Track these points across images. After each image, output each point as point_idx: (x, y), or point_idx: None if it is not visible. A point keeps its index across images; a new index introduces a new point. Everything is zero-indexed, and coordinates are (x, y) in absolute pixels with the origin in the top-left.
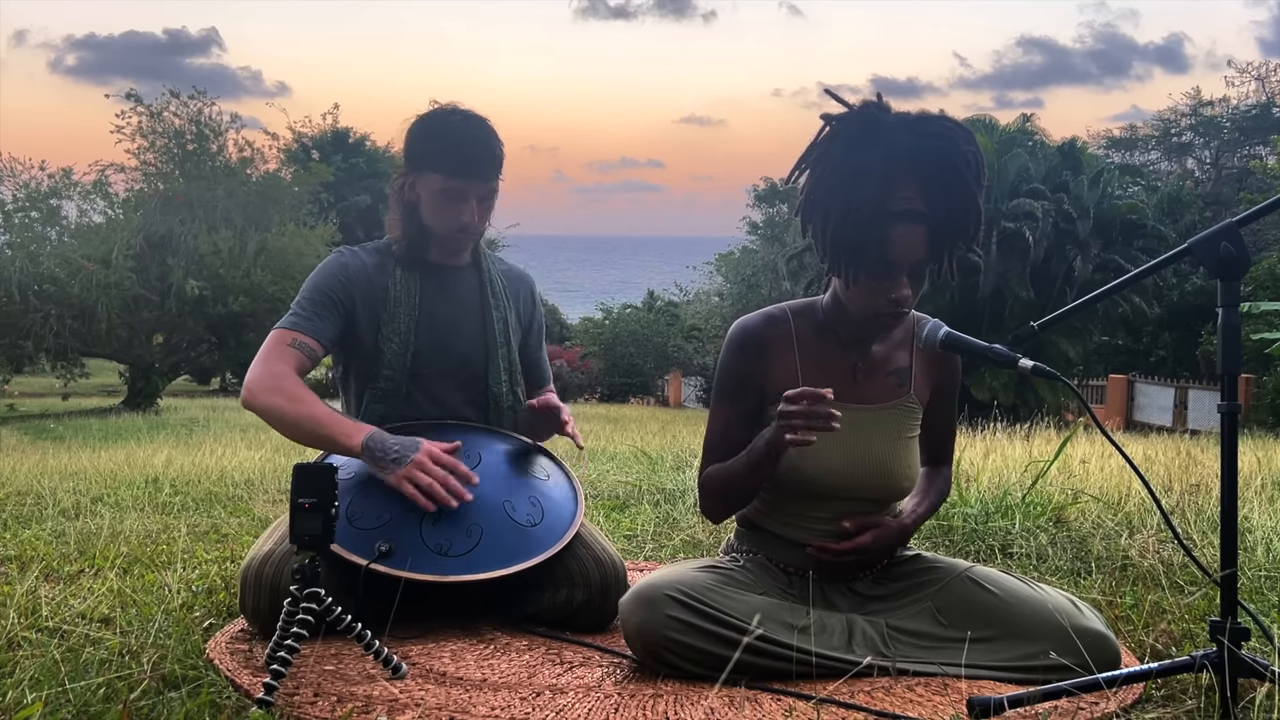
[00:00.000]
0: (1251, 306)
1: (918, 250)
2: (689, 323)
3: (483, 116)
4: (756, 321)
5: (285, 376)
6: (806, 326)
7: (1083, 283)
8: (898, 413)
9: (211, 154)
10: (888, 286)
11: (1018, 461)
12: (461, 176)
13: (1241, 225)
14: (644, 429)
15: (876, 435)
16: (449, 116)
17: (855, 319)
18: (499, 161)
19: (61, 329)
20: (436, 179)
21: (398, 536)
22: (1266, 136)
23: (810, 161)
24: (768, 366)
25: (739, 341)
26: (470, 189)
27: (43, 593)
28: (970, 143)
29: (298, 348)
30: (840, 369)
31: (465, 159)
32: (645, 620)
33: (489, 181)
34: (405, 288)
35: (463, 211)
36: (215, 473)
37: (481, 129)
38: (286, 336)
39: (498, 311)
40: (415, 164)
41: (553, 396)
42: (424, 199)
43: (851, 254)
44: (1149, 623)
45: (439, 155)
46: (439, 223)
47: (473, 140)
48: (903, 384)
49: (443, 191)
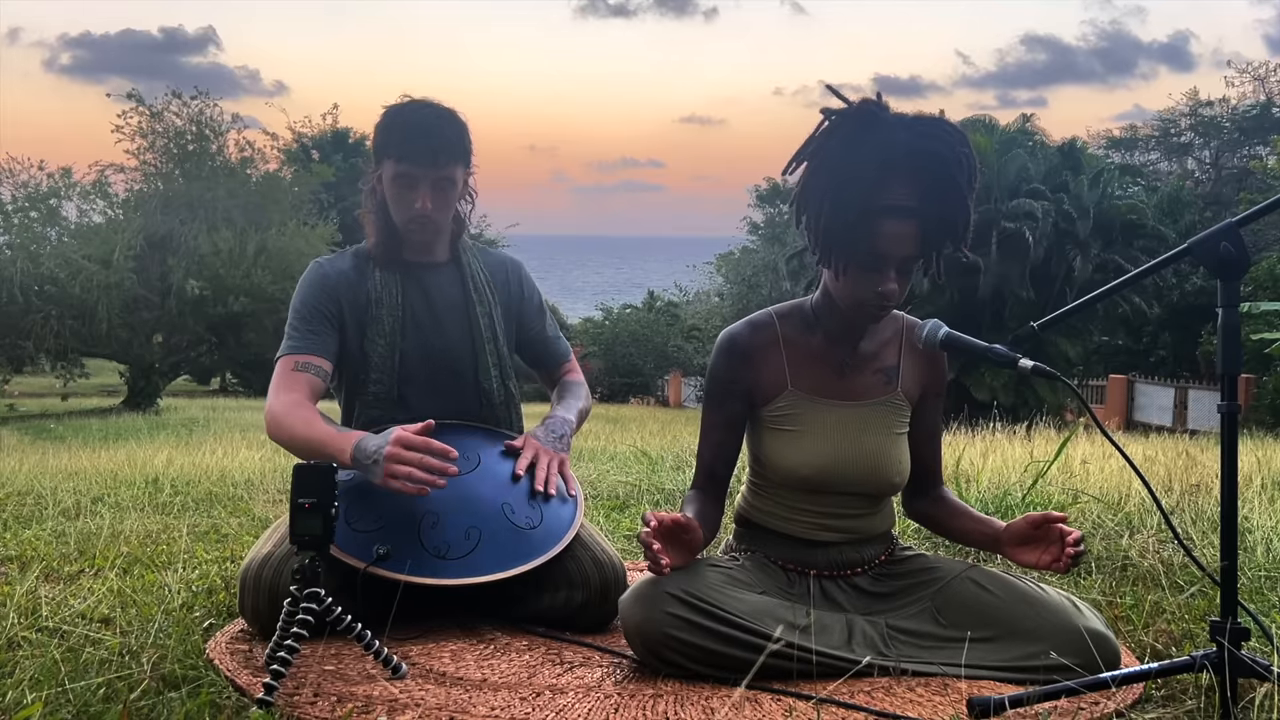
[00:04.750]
0: (1251, 306)
1: (906, 246)
2: (689, 323)
3: (447, 107)
4: (741, 329)
5: (296, 404)
6: (793, 327)
7: (1083, 283)
8: (886, 408)
9: (212, 154)
10: (875, 280)
11: (1018, 461)
12: (410, 161)
13: (1241, 225)
14: (644, 429)
15: (865, 430)
16: (407, 105)
17: (842, 311)
18: (454, 148)
19: (62, 329)
20: (389, 165)
21: (396, 539)
22: (1266, 136)
23: (807, 154)
24: (754, 372)
25: (725, 350)
26: (420, 174)
27: (43, 593)
28: (964, 145)
29: (305, 370)
30: (828, 365)
31: (414, 143)
32: (646, 618)
33: (440, 168)
34: (386, 289)
35: (414, 199)
36: (215, 473)
37: (436, 116)
38: (290, 362)
39: (481, 306)
40: (376, 154)
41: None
42: (386, 191)
43: (842, 246)
44: (1149, 623)
45: (391, 142)
46: (396, 212)
47: (424, 126)
48: (890, 381)
49: (394, 178)
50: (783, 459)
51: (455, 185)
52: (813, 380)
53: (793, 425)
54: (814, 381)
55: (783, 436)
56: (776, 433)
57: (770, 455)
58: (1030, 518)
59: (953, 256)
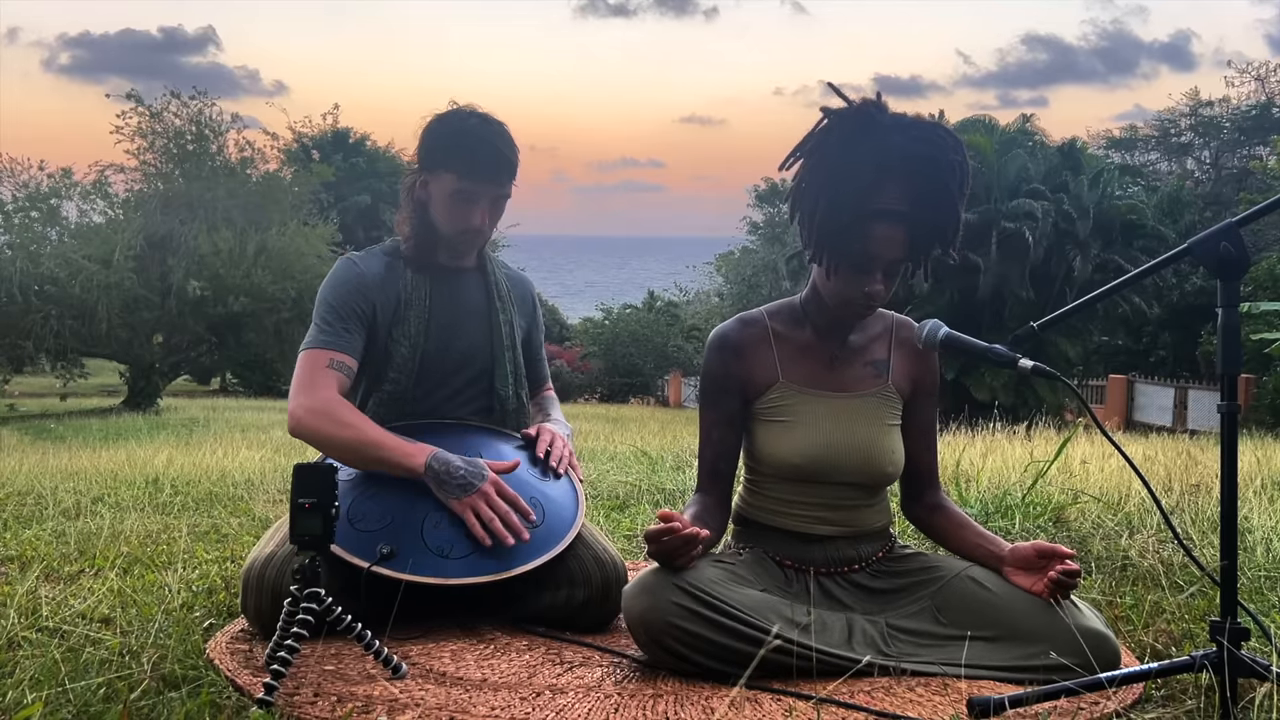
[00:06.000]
0: (1251, 306)
1: (895, 249)
2: (689, 323)
3: (500, 121)
4: (731, 325)
5: (332, 401)
6: (782, 322)
7: (1083, 283)
8: (877, 400)
9: (211, 154)
10: (863, 280)
11: (1018, 461)
12: (474, 178)
13: (1241, 225)
14: (644, 429)
15: (857, 421)
16: (467, 118)
17: (830, 306)
18: (513, 167)
19: (62, 329)
20: (450, 179)
21: (399, 539)
22: (1266, 136)
23: (804, 152)
24: (746, 366)
25: (716, 346)
26: (482, 191)
27: (43, 593)
28: (958, 152)
29: (336, 368)
30: (818, 358)
31: (480, 161)
32: (649, 606)
33: (502, 186)
34: (416, 290)
35: (473, 214)
36: (215, 473)
37: (499, 133)
38: (322, 358)
39: (504, 314)
40: (429, 163)
41: (543, 442)
42: (435, 199)
43: (833, 245)
44: (1149, 623)
45: (454, 156)
46: (448, 224)
47: (489, 143)
48: (880, 374)
49: (455, 193)
50: (775, 449)
51: (507, 200)
52: (803, 372)
53: (784, 416)
54: (804, 374)
55: (775, 428)
56: (769, 424)
57: (763, 447)
58: (1039, 546)
59: (941, 259)
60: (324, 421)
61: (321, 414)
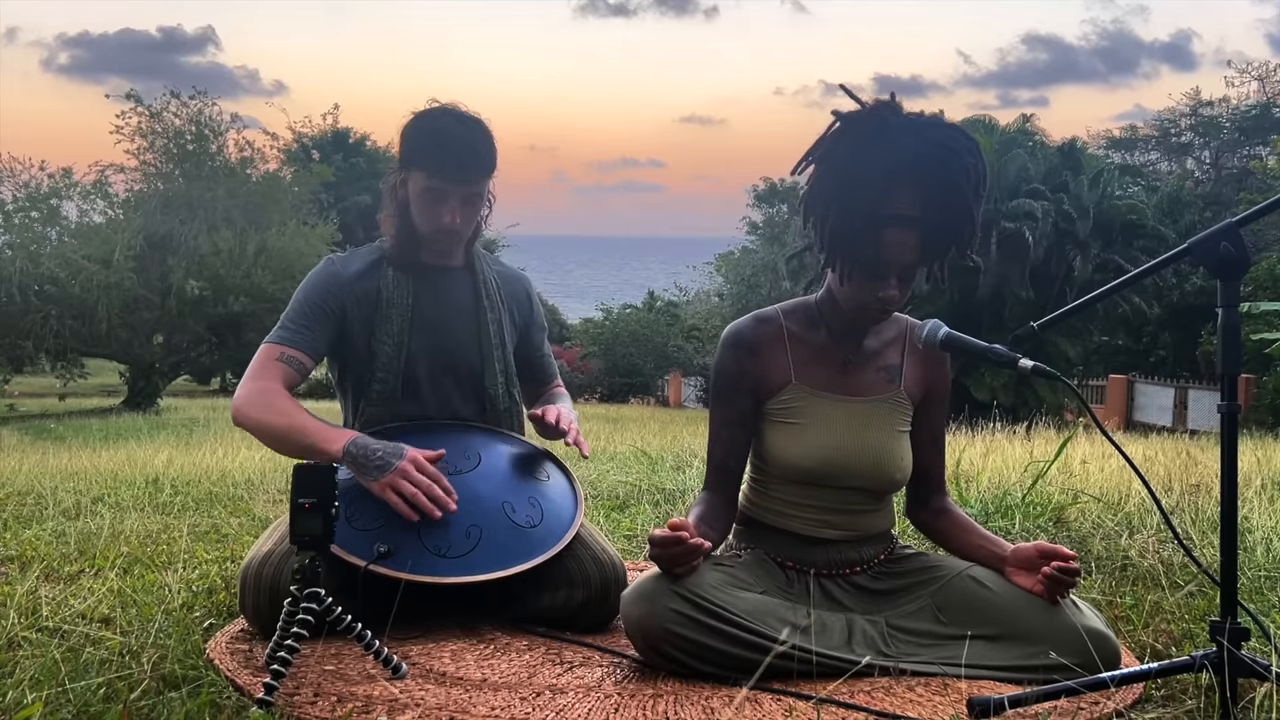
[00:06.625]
0: (1251, 306)
1: (908, 254)
2: (689, 323)
3: (477, 118)
4: (747, 323)
5: (269, 390)
6: (797, 323)
7: (1083, 283)
8: (889, 406)
9: (211, 154)
10: (877, 285)
11: (1018, 461)
12: (443, 177)
13: (1241, 225)
14: (644, 429)
15: (868, 425)
16: (441, 116)
17: (845, 311)
18: (485, 165)
19: (62, 329)
20: (420, 177)
21: (396, 538)
22: (1266, 136)
23: (817, 156)
24: (760, 365)
25: (731, 343)
26: (451, 190)
27: (43, 593)
28: (974, 154)
29: (285, 362)
30: (831, 361)
31: (447, 159)
32: (647, 613)
33: (471, 185)
34: (398, 289)
35: (444, 213)
36: (215, 473)
37: (471, 130)
38: (274, 351)
39: (492, 314)
40: (404, 161)
41: (552, 411)
42: (411, 197)
43: (847, 251)
44: (1149, 622)
45: (424, 154)
46: (422, 222)
47: (458, 141)
48: (893, 380)
49: (425, 191)
50: (785, 451)
51: (483, 198)
52: (816, 375)
53: (796, 418)
54: (818, 376)
55: (785, 429)
56: (779, 425)
57: (772, 448)
58: (1041, 546)
59: (957, 261)
60: (258, 409)
61: (257, 402)
